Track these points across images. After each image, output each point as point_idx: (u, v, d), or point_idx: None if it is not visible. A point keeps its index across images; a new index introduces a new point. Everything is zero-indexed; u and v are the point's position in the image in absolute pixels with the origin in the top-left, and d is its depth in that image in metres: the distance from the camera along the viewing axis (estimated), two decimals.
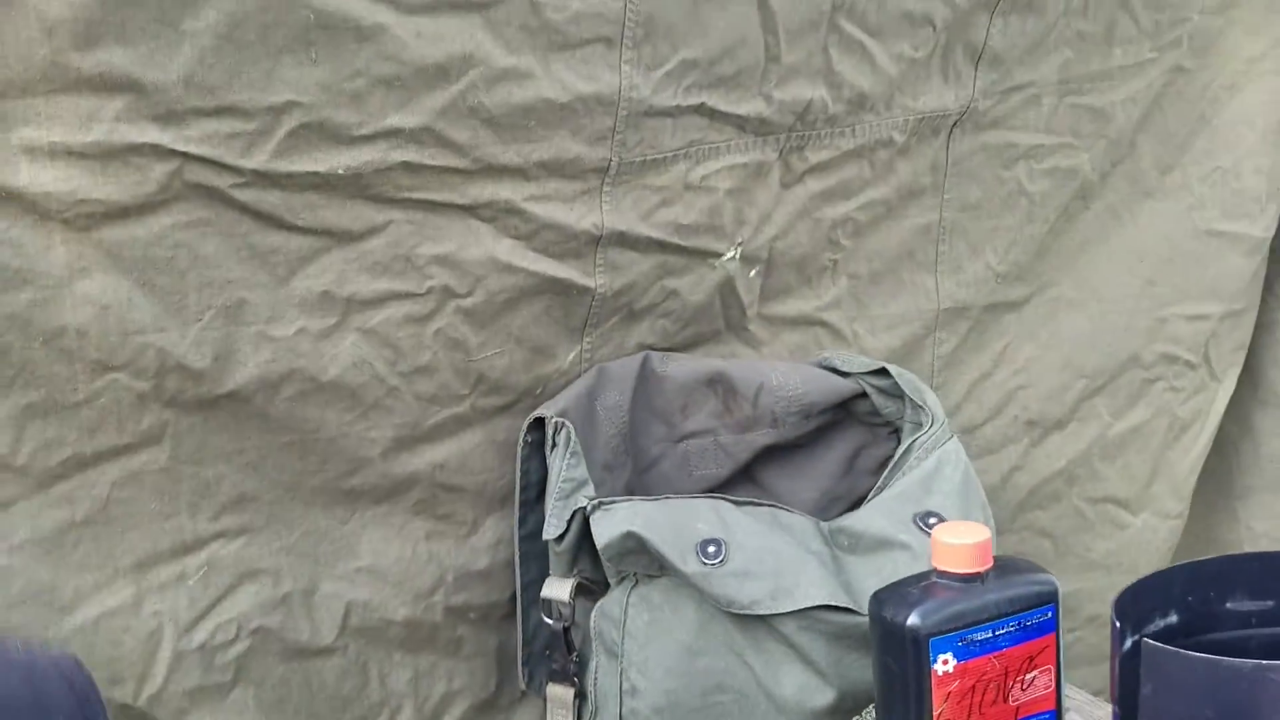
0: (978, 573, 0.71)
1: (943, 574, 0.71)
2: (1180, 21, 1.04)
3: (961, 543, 0.71)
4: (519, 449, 0.89)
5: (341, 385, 0.80)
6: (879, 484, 0.87)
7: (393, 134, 0.75)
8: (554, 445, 0.87)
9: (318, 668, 0.86)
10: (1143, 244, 1.12)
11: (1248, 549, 1.16)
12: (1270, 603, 0.69)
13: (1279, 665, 0.56)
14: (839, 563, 0.84)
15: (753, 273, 0.95)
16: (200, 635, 0.80)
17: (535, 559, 0.92)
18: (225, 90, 0.69)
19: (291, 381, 0.78)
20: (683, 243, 0.90)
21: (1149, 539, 1.15)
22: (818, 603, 0.80)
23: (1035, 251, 1.08)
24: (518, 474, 0.89)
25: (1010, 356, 1.10)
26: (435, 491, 0.88)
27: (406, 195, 0.78)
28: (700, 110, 0.86)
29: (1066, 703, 0.86)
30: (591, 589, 0.89)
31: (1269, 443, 1.18)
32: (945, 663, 0.69)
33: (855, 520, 0.85)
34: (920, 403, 0.90)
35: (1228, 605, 0.70)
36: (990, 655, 0.70)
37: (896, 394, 0.94)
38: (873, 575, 0.83)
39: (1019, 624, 0.70)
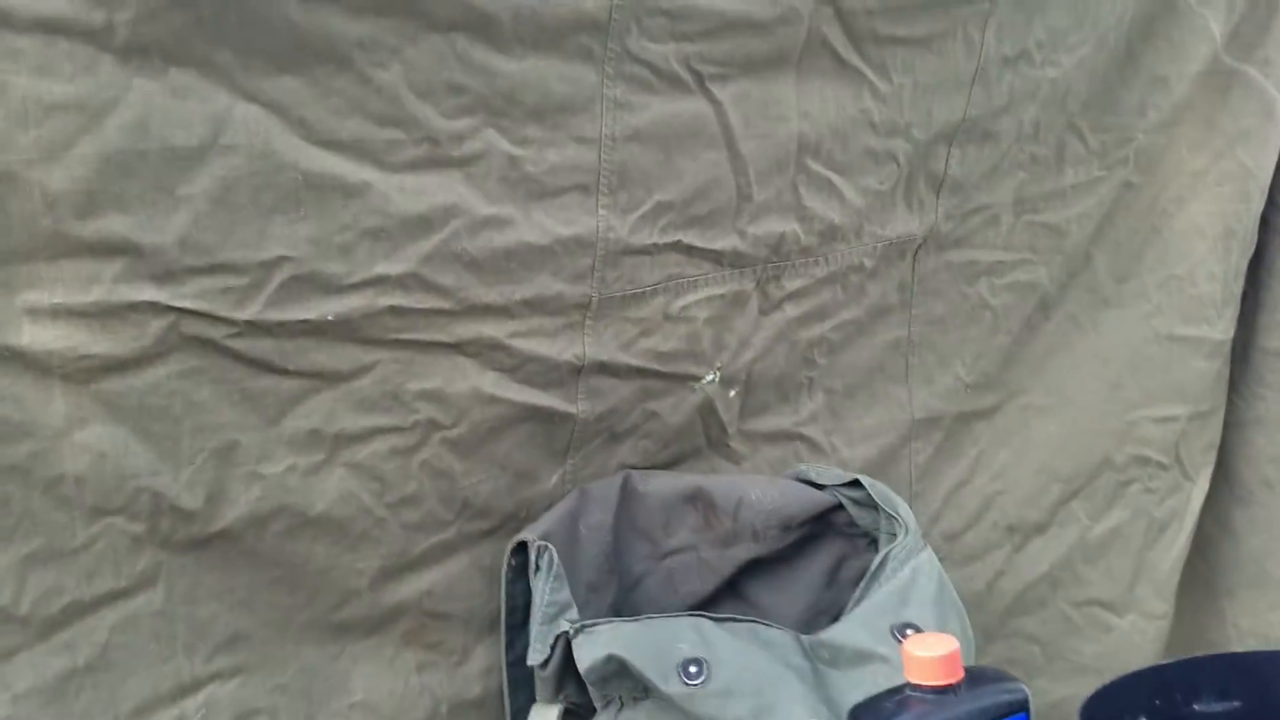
0: (950, 684, 0.72)
1: (916, 687, 0.73)
2: (1126, 141, 1.10)
3: (930, 655, 0.72)
4: (503, 573, 0.91)
5: (329, 518, 0.83)
6: (856, 595, 0.89)
7: (380, 281, 0.79)
8: (537, 568, 0.89)
9: None
10: (1106, 350, 1.16)
11: (1235, 647, 1.17)
12: (1237, 703, 0.71)
13: None
14: (820, 677, 0.85)
15: (732, 393, 0.99)
16: None
17: (524, 685, 0.93)
18: (219, 249, 0.73)
19: (280, 517, 0.81)
20: (663, 369, 0.94)
21: (1137, 640, 1.16)
22: None
23: (1002, 361, 1.12)
24: (503, 599, 0.91)
25: (985, 463, 1.12)
26: (424, 620, 0.90)
27: (394, 336, 0.82)
28: (677, 247, 0.91)
29: None
30: (578, 713, 0.90)
31: (1247, 540, 1.20)
32: None
33: (834, 634, 0.87)
34: (893, 513, 0.92)
35: (1195, 707, 0.72)
36: None
37: (871, 504, 0.97)
38: (854, 688, 0.84)
39: None
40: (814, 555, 1.02)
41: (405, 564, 0.88)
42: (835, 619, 1.02)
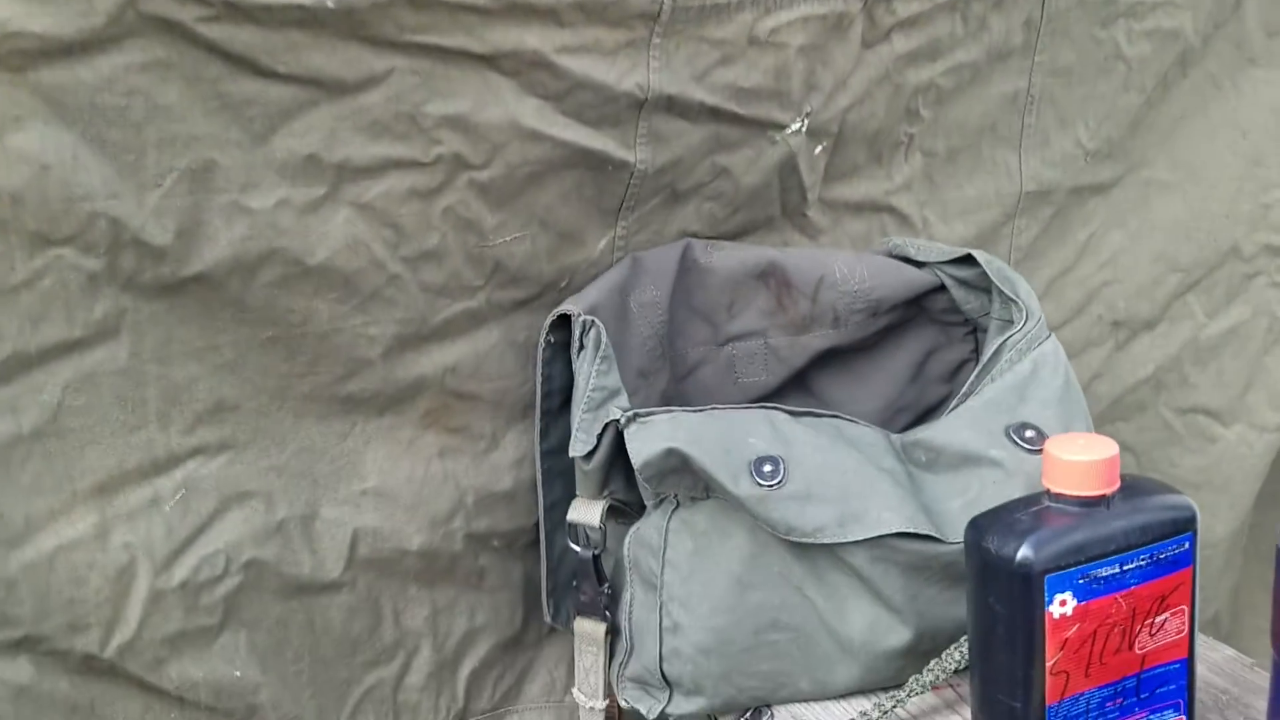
0: (1102, 495, 0.59)
1: (1058, 497, 0.59)
2: None
3: (1085, 460, 0.59)
4: (540, 351, 0.76)
5: (332, 270, 0.67)
6: (964, 390, 0.75)
7: None
8: (581, 347, 0.75)
9: (322, 606, 0.75)
10: (1246, 118, 0.98)
11: None
12: None
13: None
14: (916, 482, 0.72)
15: (819, 149, 0.82)
16: (181, 571, 0.69)
17: (560, 478, 0.80)
18: None
19: (272, 264, 0.65)
20: (741, 111, 0.77)
21: (1243, 454, 1.03)
22: (894, 529, 0.69)
23: (1129, 125, 0.94)
24: (538, 380, 0.77)
25: (1096, 247, 0.97)
26: (447, 400, 0.76)
27: (411, 38, 0.64)
28: None
29: None
30: (625, 512, 0.78)
31: None
32: (1063, 604, 0.58)
33: (935, 432, 0.73)
34: (1013, 295, 0.77)
35: None
36: (1116, 595, 0.59)
37: (981, 286, 0.81)
38: (956, 496, 0.71)
39: (1150, 557, 0.59)
40: (900, 345, 0.87)
41: (425, 333, 0.73)
42: (917, 419, 0.89)
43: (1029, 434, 0.71)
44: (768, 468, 0.70)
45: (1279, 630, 0.53)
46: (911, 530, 0.69)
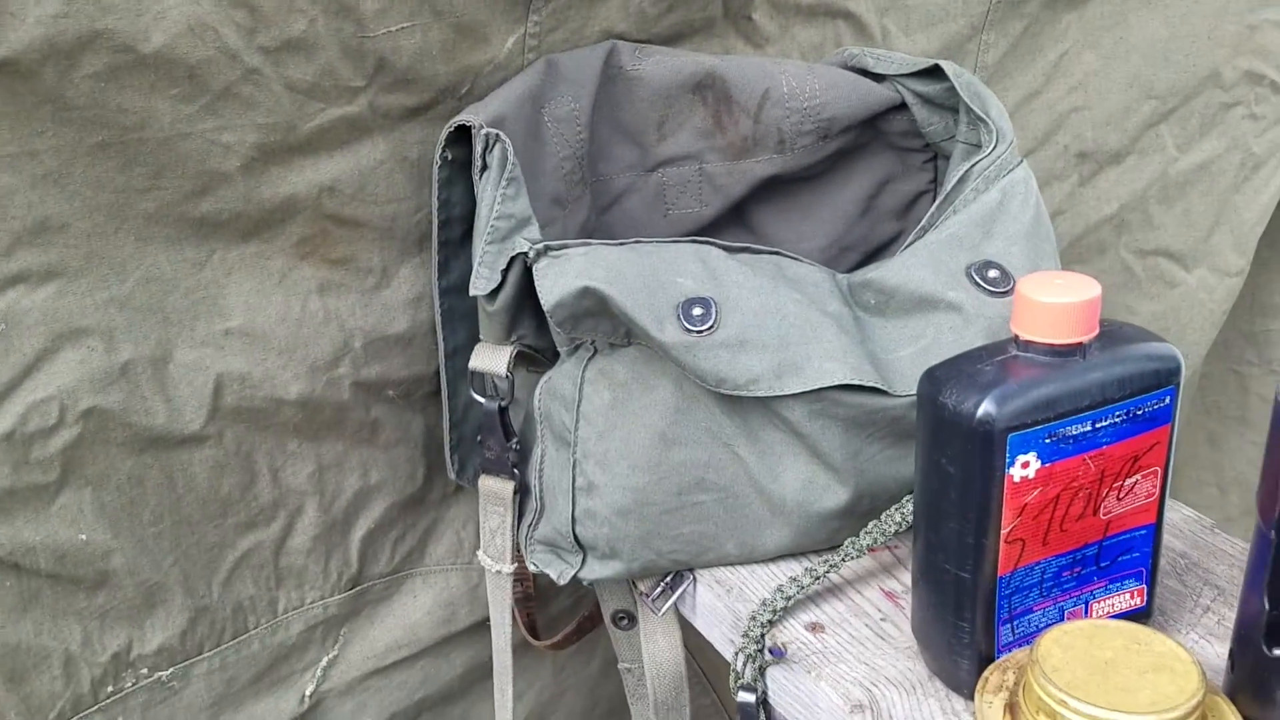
0: (1078, 344, 0.51)
1: (1028, 345, 0.52)
2: None
3: (1063, 302, 0.50)
4: (435, 170, 0.66)
5: (173, 60, 0.55)
6: (922, 223, 0.65)
7: None
8: (484, 167, 0.64)
9: (183, 461, 0.65)
10: None
11: None
12: None
13: None
14: (863, 328, 0.64)
15: None
16: (6, 420, 0.59)
17: (464, 320, 0.71)
18: None
19: (95, 50, 0.53)
20: None
21: (1202, 299, 0.97)
22: (837, 381, 0.61)
23: None
24: (435, 204, 0.67)
25: (1067, 69, 0.87)
26: (325, 225, 0.65)
27: None
28: None
29: None
30: (536, 359, 0.69)
31: None
32: (1025, 466, 0.51)
33: (887, 272, 0.65)
34: (982, 114, 0.67)
35: None
36: (1084, 455, 0.51)
37: (947, 105, 0.72)
38: (907, 344, 0.63)
39: (1127, 413, 0.52)
40: (851, 174, 0.77)
41: (295, 143, 0.62)
42: (867, 259, 0.81)
43: (992, 274, 0.63)
44: (697, 311, 0.61)
45: (1265, 499, 0.47)
46: (856, 382, 0.61)
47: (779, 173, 0.75)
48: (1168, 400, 0.52)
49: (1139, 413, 0.52)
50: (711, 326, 0.61)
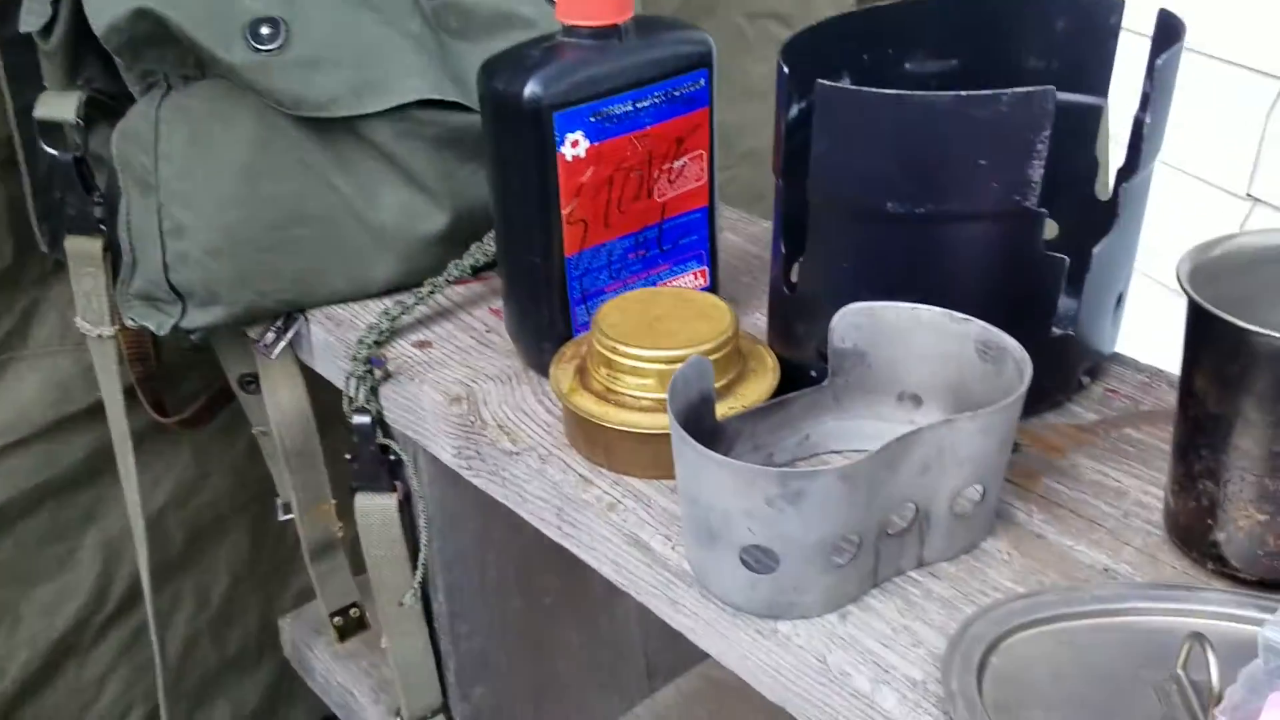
0: (614, 25, 0.54)
1: (572, 30, 0.54)
2: None
3: None
4: None
5: None
6: None
7: None
8: None
9: None
10: None
11: None
12: (954, 62, 0.58)
13: (979, 97, 0.45)
14: (446, 50, 0.65)
15: None
16: None
17: (33, 75, 0.66)
18: None
19: None
20: None
21: None
22: (418, 96, 0.61)
23: None
24: None
25: None
26: None
27: None
28: None
29: (720, 222, 0.76)
30: (109, 105, 0.65)
31: None
32: (575, 145, 0.54)
33: None
34: None
35: (906, 66, 0.58)
36: (630, 135, 0.55)
37: None
38: None
39: (665, 94, 0.55)
40: None
41: None
42: None
43: None
44: (265, 30, 0.60)
45: (774, 156, 0.52)
46: (438, 97, 0.62)
47: None
48: (702, 83, 0.56)
49: (676, 94, 0.56)
50: (282, 45, 0.60)
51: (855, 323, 0.49)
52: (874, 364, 0.50)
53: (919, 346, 0.49)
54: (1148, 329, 0.70)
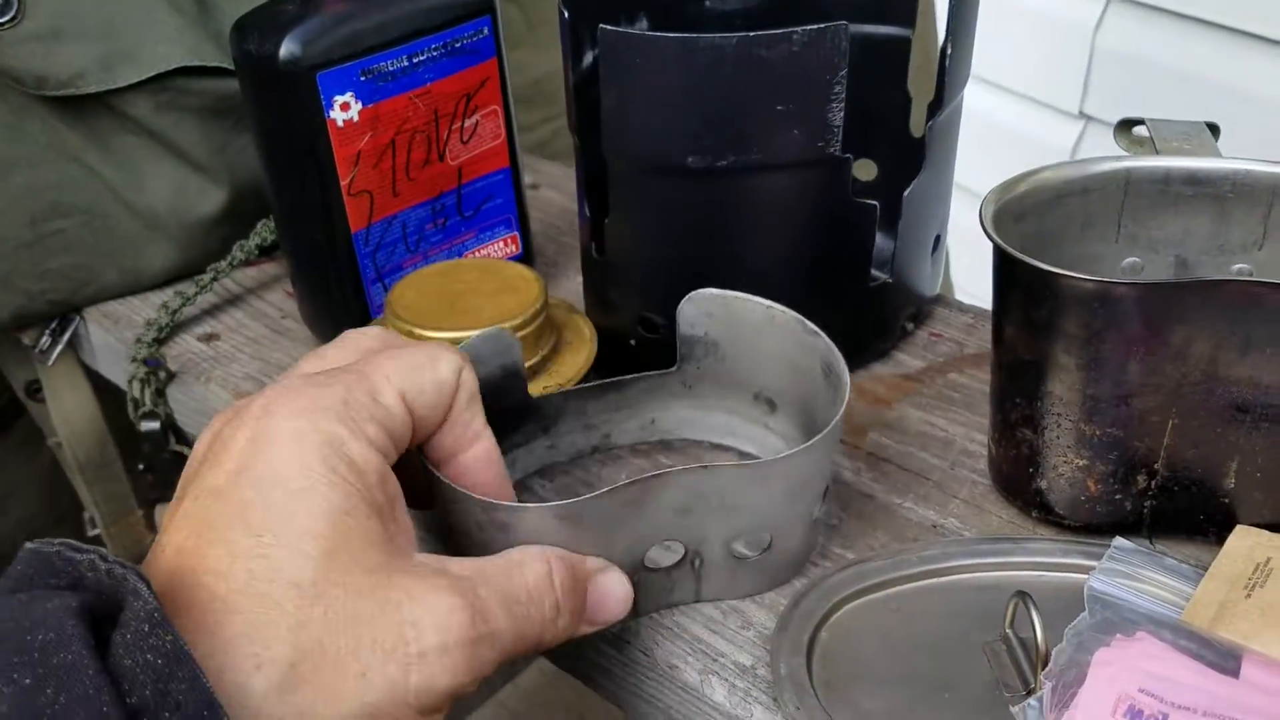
0: None
1: None
2: None
3: None
4: None
5: None
6: None
7: None
8: None
9: None
10: None
11: None
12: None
13: (768, 37, 0.41)
14: (206, 7, 0.58)
15: None
16: None
17: None
18: None
19: None
20: None
21: None
22: (176, 64, 0.55)
23: None
24: None
25: None
26: None
27: None
28: None
29: (539, 179, 0.71)
30: None
31: None
32: (345, 108, 0.49)
33: None
34: None
35: (706, 3, 0.55)
36: (409, 94, 0.50)
37: None
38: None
39: (444, 46, 0.51)
40: None
41: None
42: None
43: None
44: None
45: (569, 116, 0.48)
46: (198, 64, 0.56)
47: None
48: (486, 31, 0.52)
49: (458, 45, 0.51)
50: (15, 18, 0.53)
51: (707, 310, 0.44)
52: (728, 357, 0.45)
53: (773, 348, 0.44)
54: (984, 269, 0.68)
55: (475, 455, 0.37)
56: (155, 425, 0.58)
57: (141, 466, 0.59)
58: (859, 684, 0.38)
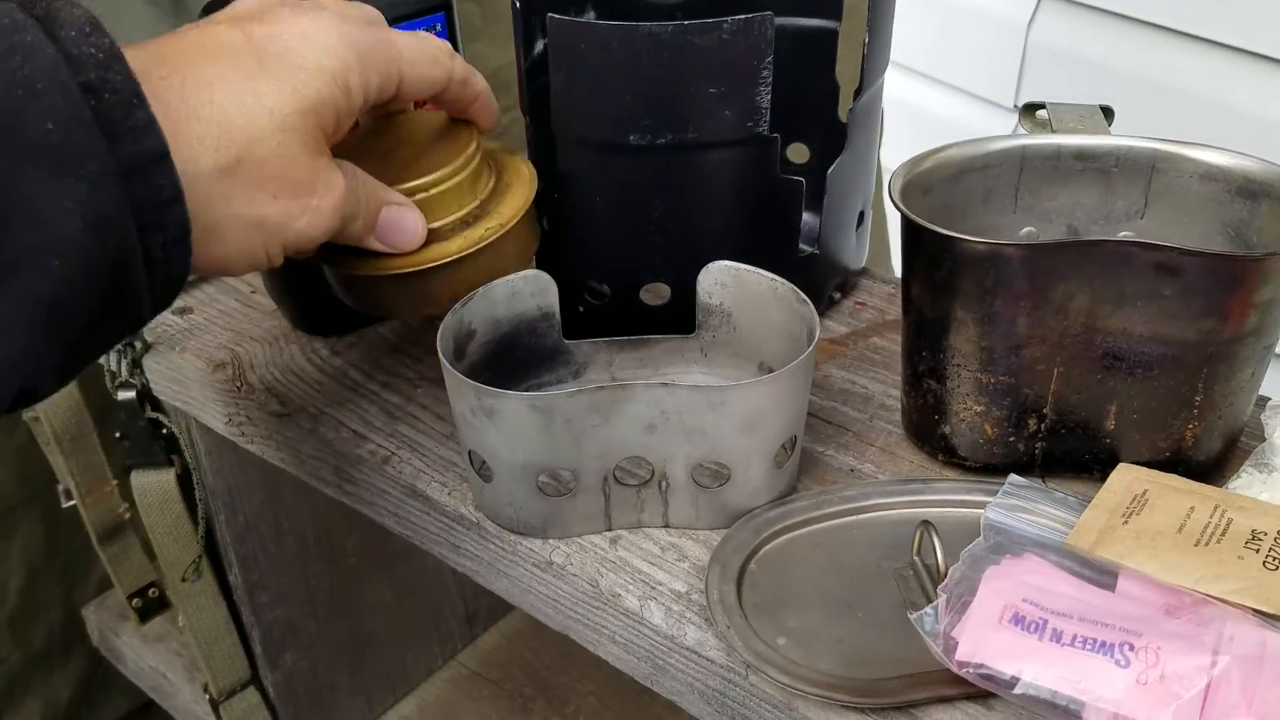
0: None
1: None
2: None
3: None
4: None
5: None
6: None
7: None
8: None
9: None
10: None
11: None
12: None
13: (701, 25, 0.46)
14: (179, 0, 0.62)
15: None
16: None
17: None
18: None
19: None
20: None
21: None
22: None
23: None
24: None
25: None
26: None
27: None
28: None
29: None
30: None
31: None
32: None
33: None
34: None
35: None
36: None
37: None
38: None
39: None
40: None
41: None
42: None
43: None
44: None
45: (522, 97, 0.52)
46: None
47: None
48: (439, 27, 0.56)
49: None
50: None
51: (721, 280, 0.49)
52: (739, 327, 0.50)
53: (774, 318, 0.48)
54: None
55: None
56: (132, 395, 0.61)
57: (118, 434, 0.62)
58: (783, 607, 0.42)
